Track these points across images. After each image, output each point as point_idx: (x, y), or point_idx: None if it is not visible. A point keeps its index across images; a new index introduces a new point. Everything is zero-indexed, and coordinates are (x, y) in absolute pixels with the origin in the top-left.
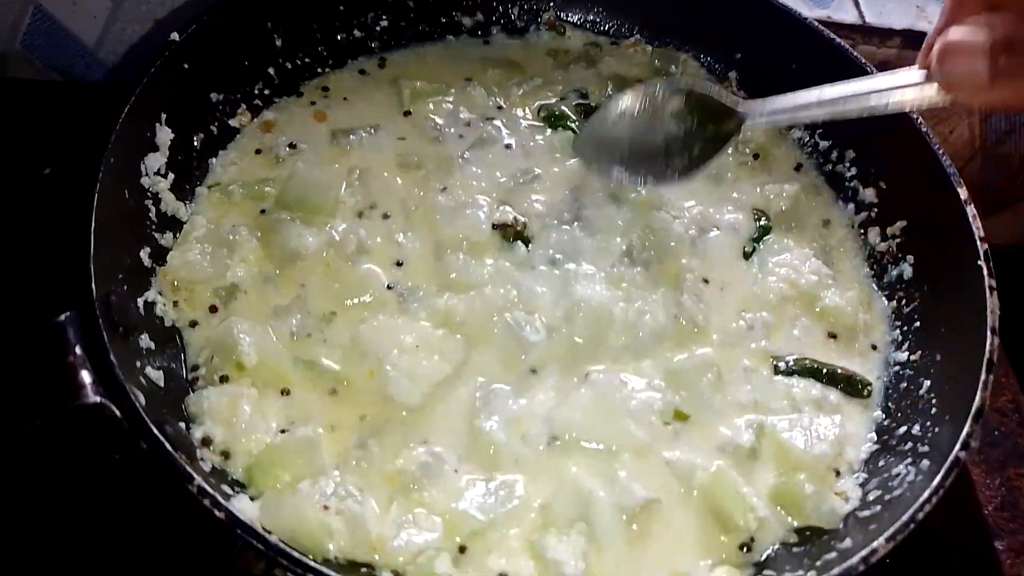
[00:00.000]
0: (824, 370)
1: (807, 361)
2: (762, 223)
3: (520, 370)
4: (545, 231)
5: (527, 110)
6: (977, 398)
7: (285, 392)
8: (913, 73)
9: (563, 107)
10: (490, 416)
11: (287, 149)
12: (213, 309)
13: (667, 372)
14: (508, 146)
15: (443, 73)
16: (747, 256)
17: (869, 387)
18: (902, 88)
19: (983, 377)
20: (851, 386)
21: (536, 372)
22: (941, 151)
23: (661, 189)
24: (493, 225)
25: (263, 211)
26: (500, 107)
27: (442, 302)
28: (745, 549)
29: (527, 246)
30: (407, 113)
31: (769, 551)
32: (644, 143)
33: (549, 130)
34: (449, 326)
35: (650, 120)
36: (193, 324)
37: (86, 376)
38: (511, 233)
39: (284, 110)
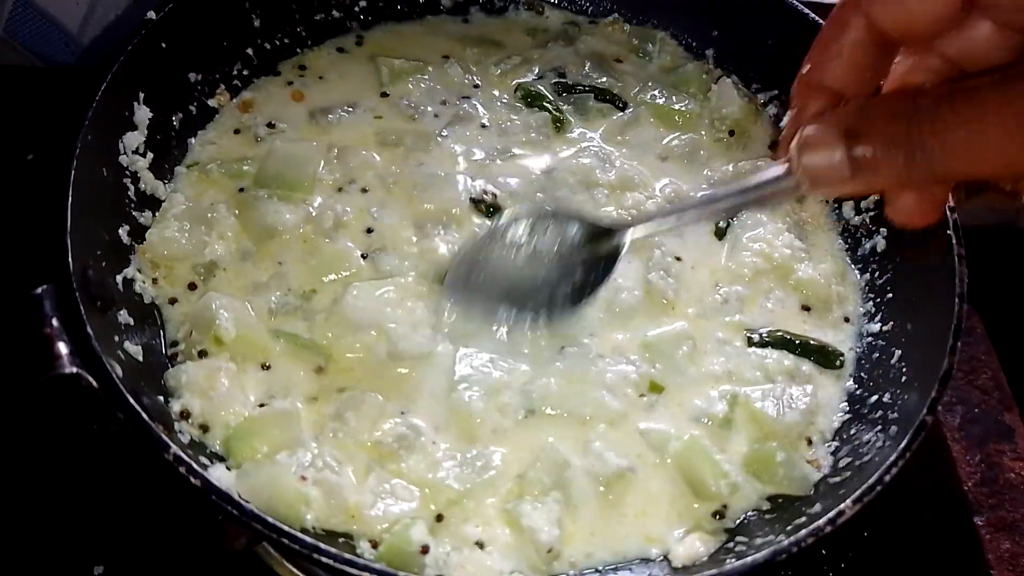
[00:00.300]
0: (797, 341)
1: (780, 333)
2: None
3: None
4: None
5: (504, 90)
6: (945, 362)
7: (266, 367)
8: (777, 169)
9: (540, 86)
10: (470, 387)
11: (266, 128)
12: (192, 286)
13: (642, 344)
14: (484, 125)
15: (421, 50)
16: (720, 235)
17: (841, 358)
18: (770, 184)
19: (951, 342)
20: (824, 357)
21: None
22: None
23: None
24: (470, 199)
25: (241, 189)
26: (476, 85)
27: (415, 249)
28: (718, 516)
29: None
30: (384, 95)
31: (742, 518)
32: (523, 278)
33: (526, 109)
34: (424, 269)
35: (524, 253)
36: (172, 301)
37: (63, 347)
38: (485, 208)
39: (262, 89)
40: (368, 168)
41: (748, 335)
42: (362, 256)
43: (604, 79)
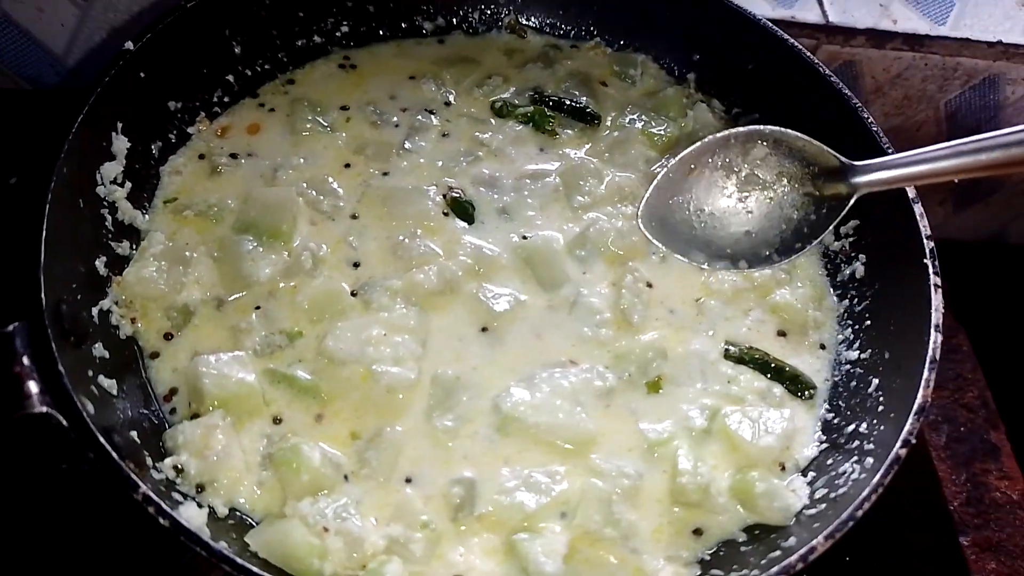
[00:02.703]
0: (773, 364)
1: (757, 352)
2: None
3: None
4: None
5: (477, 106)
6: (919, 396)
7: (277, 420)
8: None
9: (515, 100)
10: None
11: (227, 159)
12: (168, 336)
13: (614, 356)
14: (446, 135)
15: (398, 69)
16: None
17: (812, 391)
18: None
19: (925, 375)
20: (795, 386)
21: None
22: (890, 149)
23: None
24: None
25: (219, 231)
26: (448, 103)
27: (400, 283)
28: (697, 534)
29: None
30: (344, 108)
31: (716, 548)
32: (725, 221)
33: (496, 119)
34: (409, 300)
35: (731, 187)
36: (154, 355)
37: (33, 386)
38: (451, 202)
39: (238, 114)
40: (335, 195)
41: (726, 347)
42: (352, 294)
43: (584, 99)
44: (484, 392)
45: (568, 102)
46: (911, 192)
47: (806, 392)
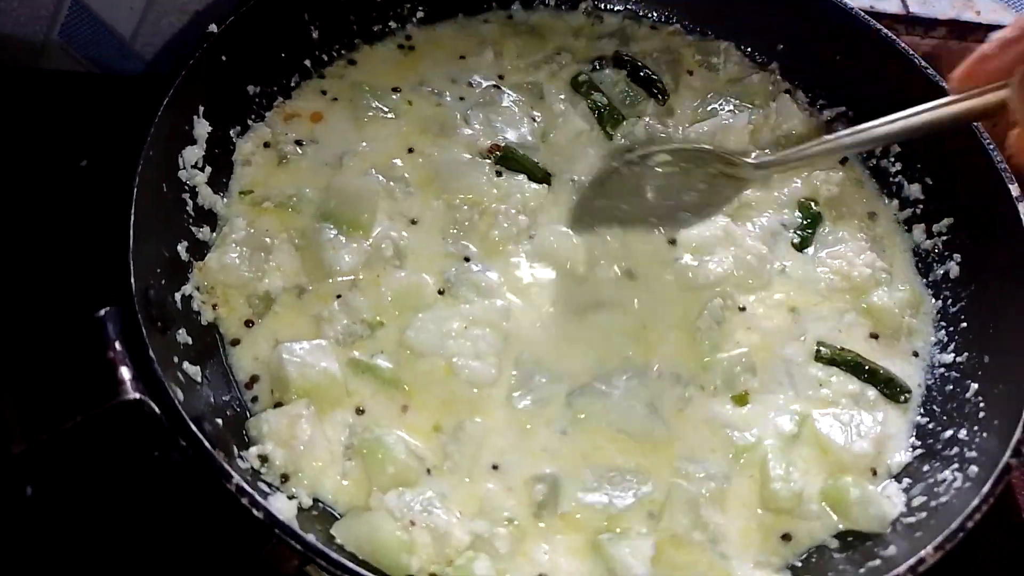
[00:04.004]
0: (866, 366)
1: (850, 354)
2: (813, 208)
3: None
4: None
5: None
6: None
7: (360, 411)
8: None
9: (591, 75)
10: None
11: (293, 146)
12: (248, 323)
13: (701, 364)
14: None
15: (458, 48)
16: (800, 247)
17: (908, 394)
18: (931, 110)
19: None
20: (891, 389)
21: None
22: (991, 146)
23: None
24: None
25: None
26: (505, 78)
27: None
28: (787, 539)
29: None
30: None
31: (806, 553)
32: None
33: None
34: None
35: (651, 186)
36: (235, 343)
37: (126, 372)
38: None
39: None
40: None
41: (818, 348)
42: (439, 292)
43: (665, 77)
44: (562, 378)
45: (647, 70)
46: (1015, 190)
47: (902, 396)
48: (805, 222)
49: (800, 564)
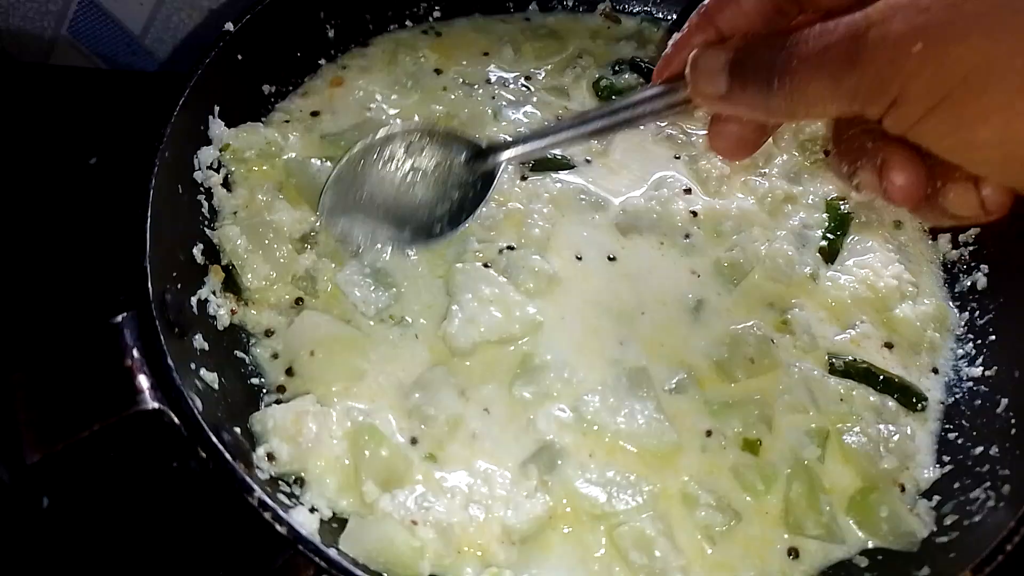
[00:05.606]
0: (880, 376)
1: (863, 364)
2: (842, 210)
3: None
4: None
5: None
6: None
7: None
8: (653, 89)
9: (612, 79)
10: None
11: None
12: (299, 301)
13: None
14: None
15: (479, 46)
16: (828, 257)
17: (924, 402)
18: (645, 102)
19: None
20: (906, 397)
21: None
22: None
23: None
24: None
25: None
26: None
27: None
28: (793, 556)
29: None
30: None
31: (834, 571)
32: (402, 198)
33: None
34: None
35: (402, 172)
36: (269, 333)
37: (144, 381)
38: None
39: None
40: None
41: (830, 360)
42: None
43: None
44: (572, 376)
45: None
46: None
47: (918, 404)
48: (832, 224)
49: None
